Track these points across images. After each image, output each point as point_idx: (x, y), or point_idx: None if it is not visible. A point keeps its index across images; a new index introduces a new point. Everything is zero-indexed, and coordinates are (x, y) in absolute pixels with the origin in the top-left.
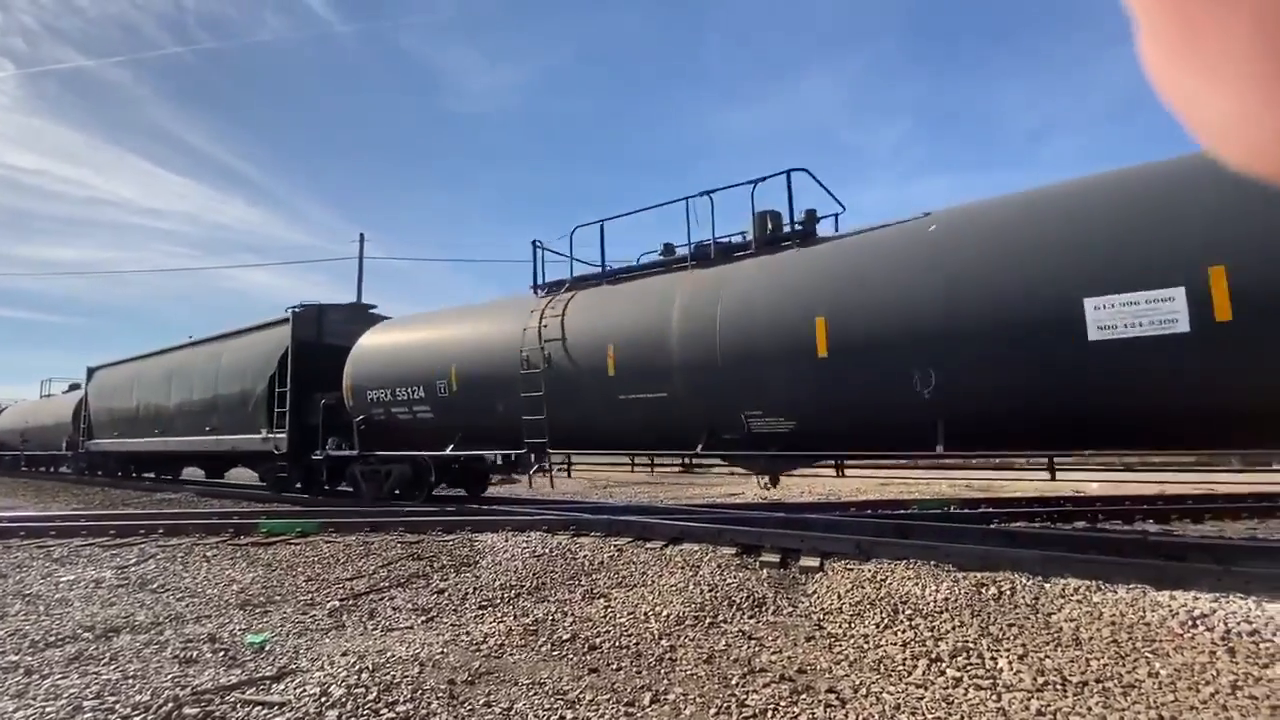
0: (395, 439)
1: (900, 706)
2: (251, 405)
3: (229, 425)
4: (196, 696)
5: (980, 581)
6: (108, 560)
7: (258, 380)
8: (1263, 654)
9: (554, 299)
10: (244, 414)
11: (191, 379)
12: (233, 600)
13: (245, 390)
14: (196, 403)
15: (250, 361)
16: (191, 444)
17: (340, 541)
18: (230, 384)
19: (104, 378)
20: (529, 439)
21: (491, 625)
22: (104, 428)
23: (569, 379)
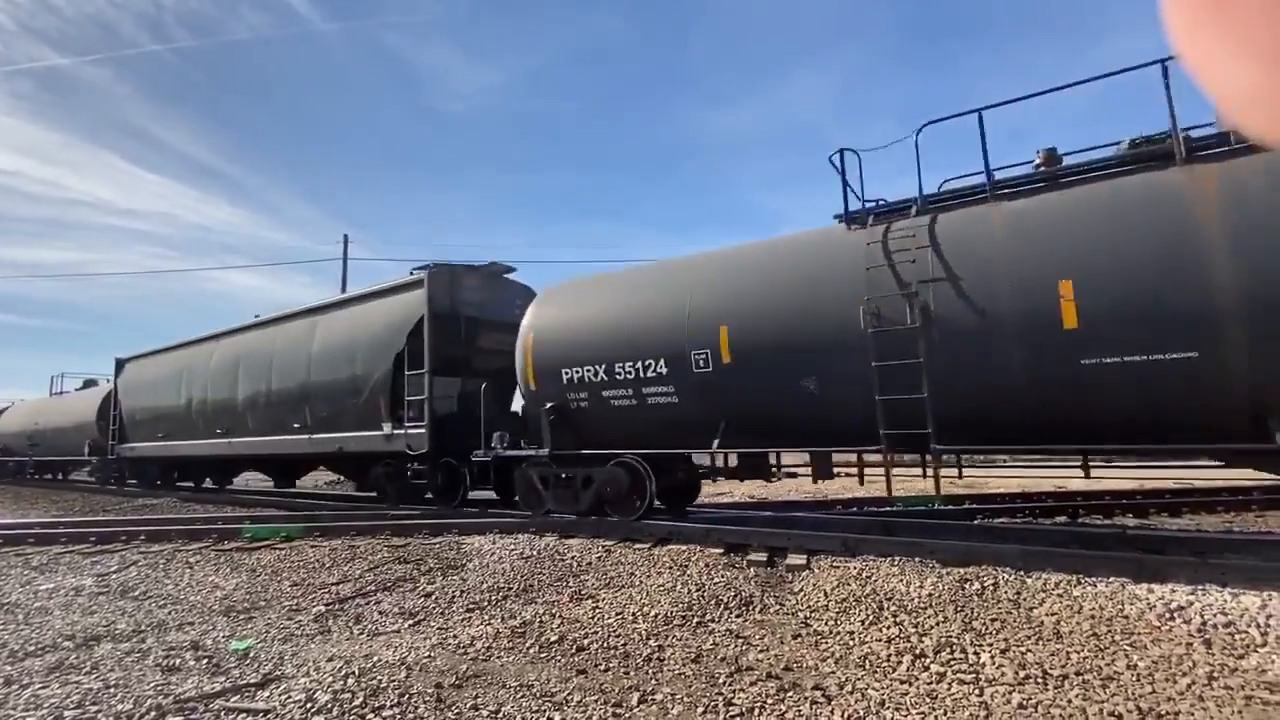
0: (599, 432)
1: (885, 702)
2: (366, 394)
3: (329, 420)
4: (180, 705)
5: (964, 577)
6: (88, 567)
7: (375, 362)
8: (1238, 645)
9: (903, 225)
10: (353, 405)
11: (268, 366)
12: (216, 606)
13: (356, 376)
14: (277, 394)
15: (363, 340)
16: (271, 446)
17: (325, 546)
18: (331, 369)
19: (140, 371)
20: (890, 429)
21: (479, 628)
22: (141, 428)
23: (973, 338)
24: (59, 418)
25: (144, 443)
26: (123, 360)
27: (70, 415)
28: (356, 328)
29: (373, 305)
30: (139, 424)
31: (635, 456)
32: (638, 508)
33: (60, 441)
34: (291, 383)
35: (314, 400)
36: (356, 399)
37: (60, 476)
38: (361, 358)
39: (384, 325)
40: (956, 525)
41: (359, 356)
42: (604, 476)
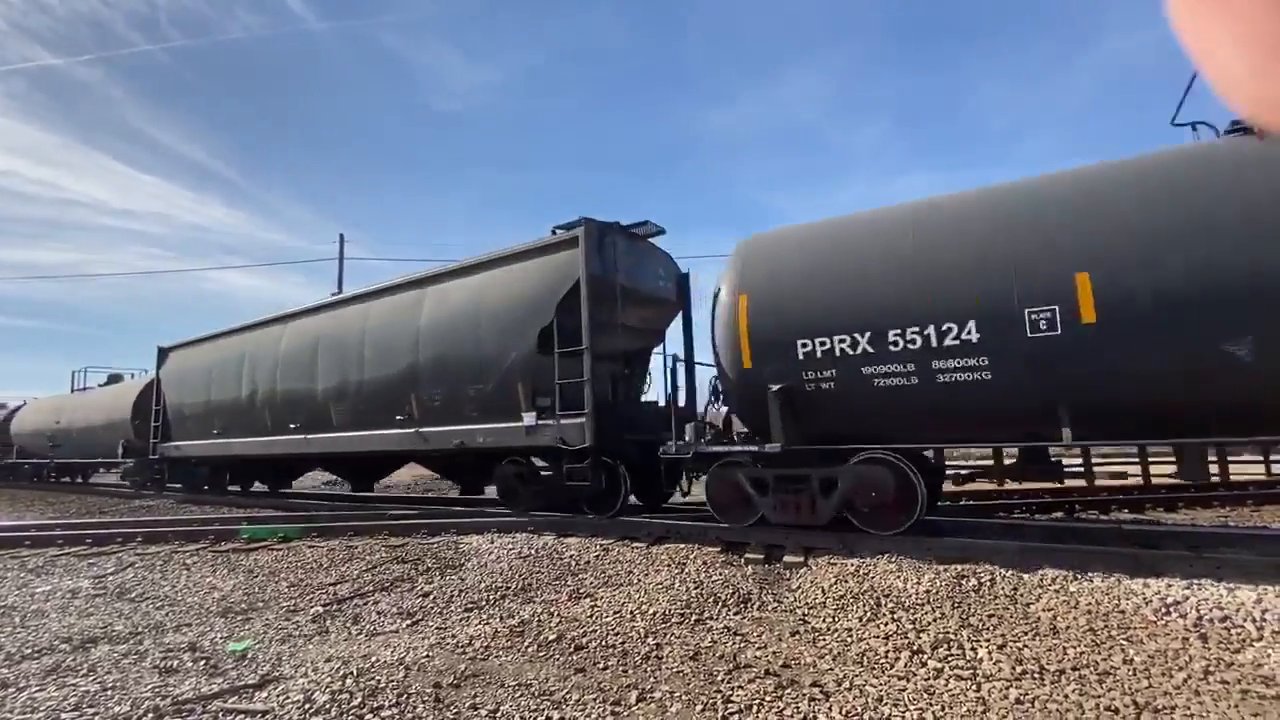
0: (849, 421)
1: (883, 699)
2: (498, 379)
3: (445, 411)
4: (177, 706)
5: (961, 573)
6: (84, 569)
7: (512, 340)
8: (1234, 639)
9: None
10: (478, 393)
11: (357, 349)
12: (213, 608)
13: (485, 358)
14: (373, 383)
15: (494, 314)
16: (363, 442)
17: (323, 546)
18: (448, 350)
19: (188, 360)
20: None
21: (477, 627)
22: (190, 425)
23: None
24: (86, 415)
25: (194, 440)
26: (166, 349)
27: (100, 412)
28: (483, 300)
29: (504, 273)
30: (187, 420)
31: (890, 452)
32: (900, 521)
33: (87, 441)
34: (391, 368)
35: (424, 387)
36: (483, 384)
37: (80, 480)
38: (491, 335)
39: (523, 296)
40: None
41: (488, 334)
42: (854, 479)
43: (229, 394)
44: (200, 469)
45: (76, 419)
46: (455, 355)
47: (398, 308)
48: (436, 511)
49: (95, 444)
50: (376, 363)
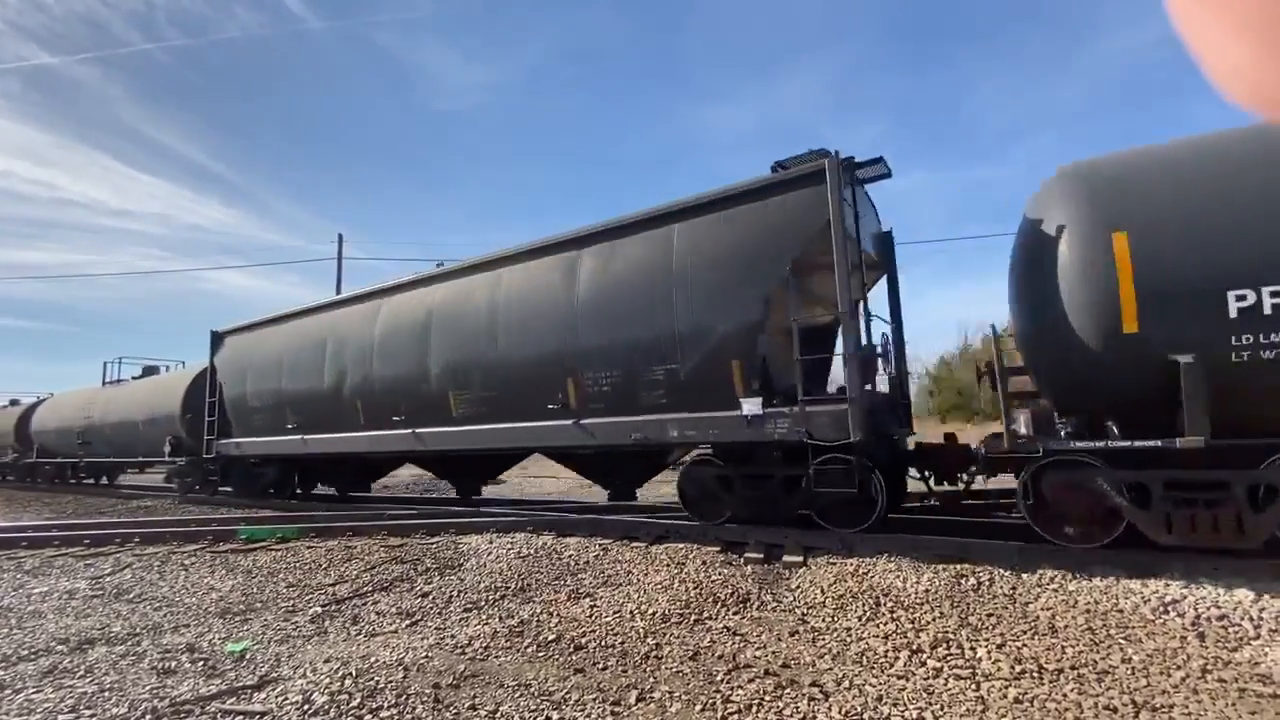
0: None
1: (882, 698)
2: (699, 359)
3: (618, 398)
4: (175, 708)
5: (960, 573)
6: (82, 570)
7: (725, 305)
8: (1231, 638)
9: None
10: (665, 375)
11: (487, 325)
12: (212, 608)
13: (680, 330)
14: (512, 367)
15: (695, 272)
16: (500, 437)
17: (322, 546)
18: (620, 324)
19: (251, 345)
20: None
21: (476, 628)
22: (256, 419)
23: None
24: (123, 409)
25: (261, 437)
26: (221, 333)
27: (140, 406)
28: (672, 259)
29: (704, 224)
30: (252, 414)
31: None
32: None
33: (125, 438)
34: (537, 348)
35: (585, 370)
36: (673, 365)
37: (106, 481)
38: (690, 302)
39: (738, 250)
40: (952, 521)
41: (683, 301)
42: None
43: (307, 383)
44: (264, 470)
45: (111, 414)
46: (632, 329)
47: (542, 274)
48: (435, 512)
49: (134, 441)
50: (515, 342)
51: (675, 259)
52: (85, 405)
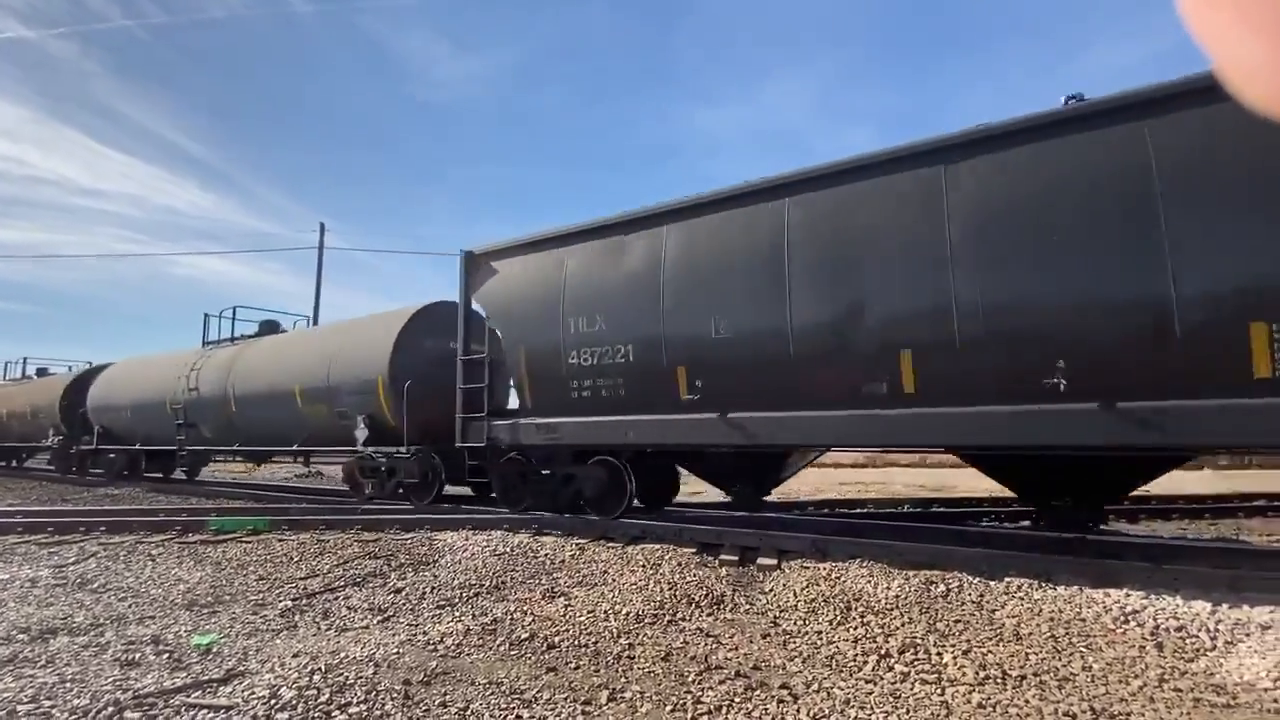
0: None
1: (850, 701)
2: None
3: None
4: (138, 700)
5: (930, 579)
6: (45, 558)
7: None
8: (1188, 649)
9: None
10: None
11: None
12: (179, 600)
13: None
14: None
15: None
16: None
17: (294, 540)
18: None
19: (560, 268)
20: None
21: (449, 625)
22: (568, 388)
23: None
24: (263, 374)
25: (574, 417)
26: (482, 253)
27: (292, 373)
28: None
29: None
30: (569, 380)
31: None
32: None
33: (276, 415)
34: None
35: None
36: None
37: (188, 477)
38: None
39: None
40: (924, 528)
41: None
42: None
43: (698, 327)
44: (585, 468)
45: (250, 382)
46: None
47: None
48: (410, 508)
49: (291, 421)
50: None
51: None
52: (184, 366)
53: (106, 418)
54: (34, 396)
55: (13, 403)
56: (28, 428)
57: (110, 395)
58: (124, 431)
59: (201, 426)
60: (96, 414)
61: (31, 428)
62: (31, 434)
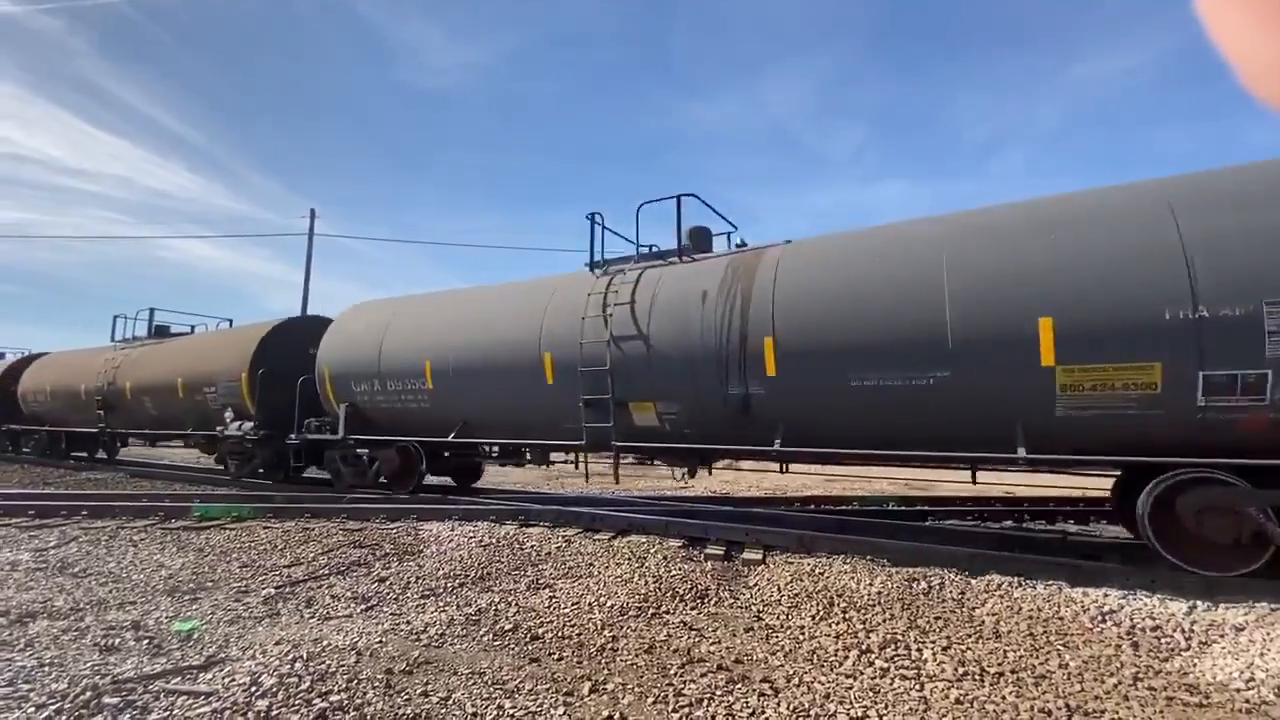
0: None
1: (830, 695)
2: None
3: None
4: (117, 685)
5: (912, 576)
6: (25, 541)
7: None
8: (1164, 648)
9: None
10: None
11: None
12: (160, 586)
13: None
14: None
15: None
16: None
17: (279, 527)
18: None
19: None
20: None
21: (433, 614)
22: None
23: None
24: (158, 370)
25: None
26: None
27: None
28: None
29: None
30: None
31: None
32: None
33: (168, 404)
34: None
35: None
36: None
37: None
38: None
39: None
40: (908, 526)
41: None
42: None
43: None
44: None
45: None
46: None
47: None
48: (396, 497)
49: (176, 411)
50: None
51: None
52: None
53: (36, 402)
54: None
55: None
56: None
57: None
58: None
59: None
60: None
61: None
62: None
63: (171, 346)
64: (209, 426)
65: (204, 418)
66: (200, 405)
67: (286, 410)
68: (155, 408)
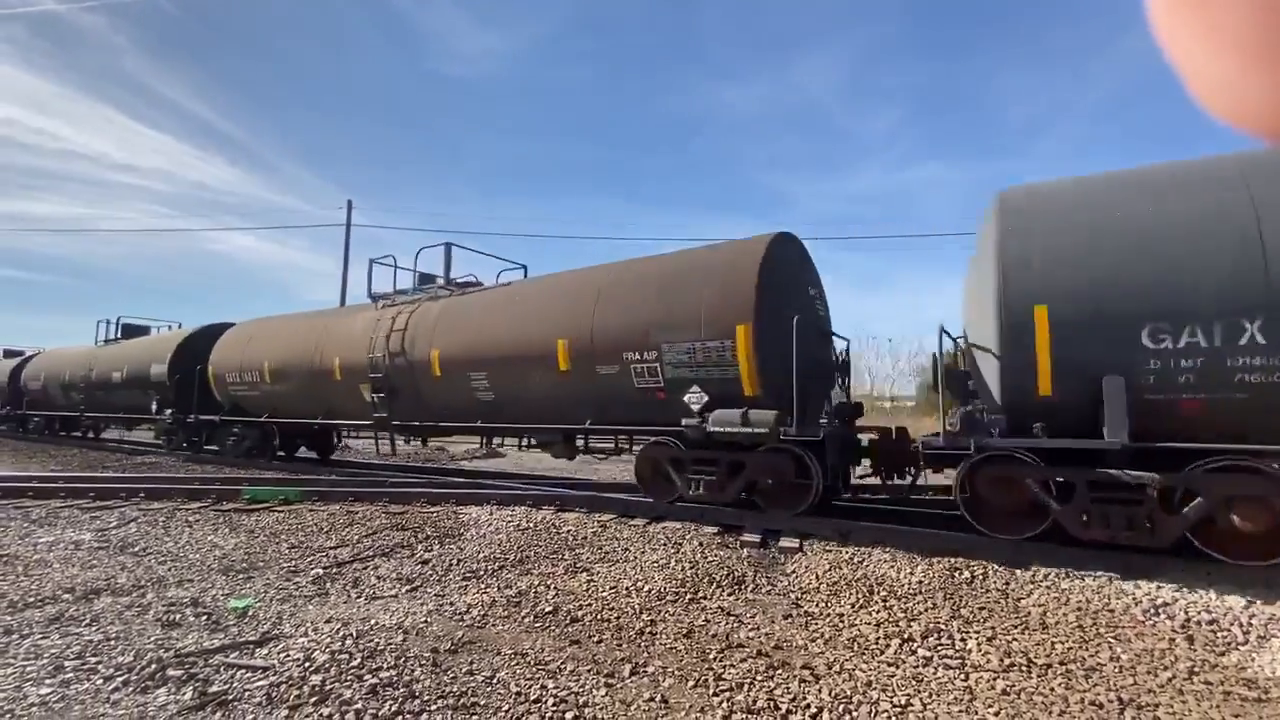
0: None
1: (871, 683)
2: None
3: None
4: (180, 659)
5: (954, 566)
6: (87, 522)
7: None
8: (1220, 642)
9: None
10: None
11: None
12: (215, 565)
13: None
14: None
15: None
16: None
17: (324, 510)
18: None
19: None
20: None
21: (475, 596)
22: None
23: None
24: (120, 365)
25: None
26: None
27: (119, 365)
28: None
29: None
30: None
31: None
32: None
33: (124, 395)
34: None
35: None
36: None
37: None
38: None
39: None
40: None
41: None
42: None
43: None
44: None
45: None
46: None
47: None
48: (436, 481)
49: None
50: None
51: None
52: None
53: (33, 390)
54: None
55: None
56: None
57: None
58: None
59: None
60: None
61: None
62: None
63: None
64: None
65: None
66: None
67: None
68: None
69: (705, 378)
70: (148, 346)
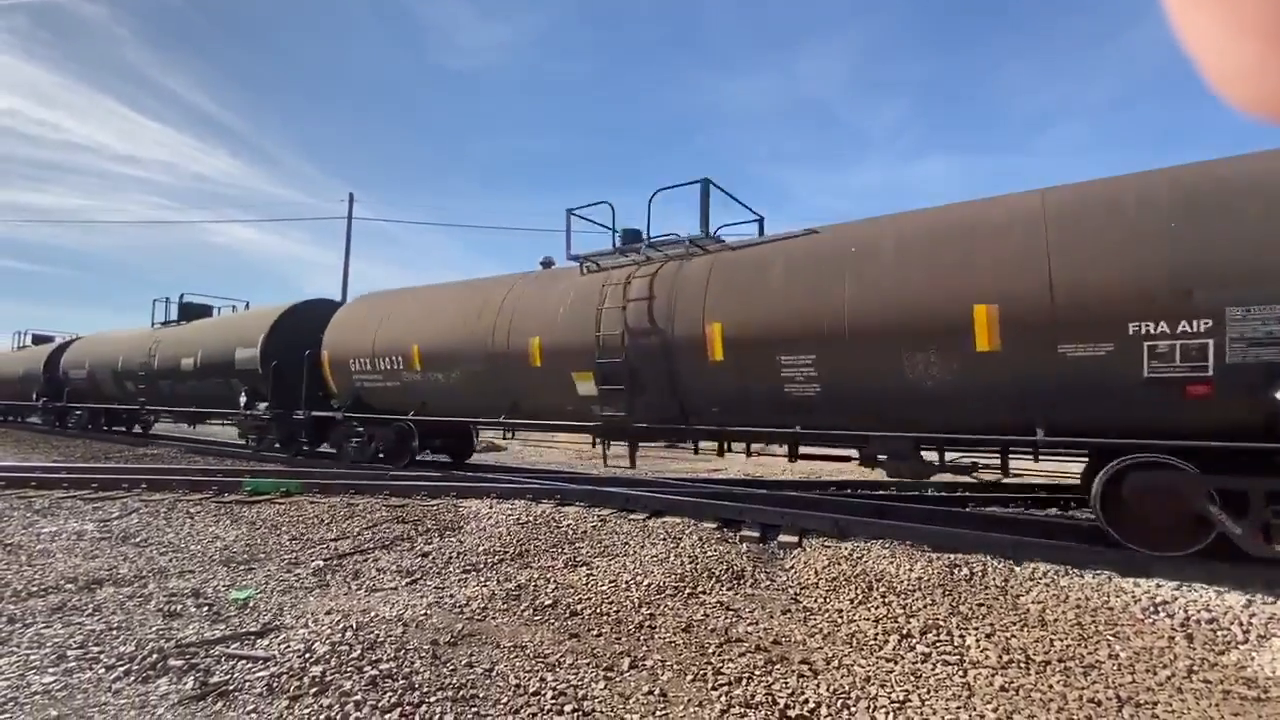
0: None
1: (870, 679)
2: None
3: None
4: (181, 649)
5: (953, 563)
6: (90, 513)
7: None
8: (1219, 641)
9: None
10: None
11: None
12: (216, 556)
13: None
14: None
15: None
16: None
17: (324, 503)
18: None
19: None
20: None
21: (475, 589)
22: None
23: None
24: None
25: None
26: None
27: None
28: None
29: None
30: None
31: None
32: None
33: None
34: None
35: None
36: None
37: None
38: None
39: None
40: (948, 512)
41: None
42: None
43: None
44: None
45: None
46: None
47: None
48: (435, 475)
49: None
50: None
51: None
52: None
53: (76, 380)
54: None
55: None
56: (16, 389)
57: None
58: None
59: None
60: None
61: (20, 390)
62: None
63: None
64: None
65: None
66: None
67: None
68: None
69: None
70: (230, 327)
